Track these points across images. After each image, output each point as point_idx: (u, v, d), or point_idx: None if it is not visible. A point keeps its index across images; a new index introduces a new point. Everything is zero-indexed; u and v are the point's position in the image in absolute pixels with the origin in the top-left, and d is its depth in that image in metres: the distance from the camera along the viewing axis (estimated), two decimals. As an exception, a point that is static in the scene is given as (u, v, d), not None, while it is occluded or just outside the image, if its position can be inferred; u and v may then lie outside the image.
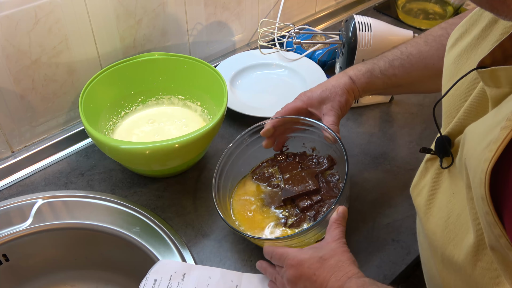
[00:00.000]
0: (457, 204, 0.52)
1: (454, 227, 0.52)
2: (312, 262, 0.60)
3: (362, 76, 0.78)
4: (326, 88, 0.78)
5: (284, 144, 0.85)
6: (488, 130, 0.42)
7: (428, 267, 0.61)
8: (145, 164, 0.81)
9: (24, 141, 0.87)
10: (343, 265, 0.59)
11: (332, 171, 0.81)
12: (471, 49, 0.54)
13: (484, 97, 0.49)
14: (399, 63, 0.77)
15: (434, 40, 0.77)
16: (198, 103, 0.94)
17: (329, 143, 0.77)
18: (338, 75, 0.80)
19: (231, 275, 0.70)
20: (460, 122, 0.53)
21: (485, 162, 0.40)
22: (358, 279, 0.57)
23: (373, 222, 0.80)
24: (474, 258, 0.48)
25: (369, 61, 0.80)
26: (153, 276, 0.68)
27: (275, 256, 0.65)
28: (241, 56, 1.12)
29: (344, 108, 0.77)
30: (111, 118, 0.91)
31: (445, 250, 0.53)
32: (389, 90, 0.81)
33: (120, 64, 0.88)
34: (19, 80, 0.80)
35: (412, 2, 1.34)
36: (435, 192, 0.57)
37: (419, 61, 0.77)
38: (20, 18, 0.75)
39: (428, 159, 0.61)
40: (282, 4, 1.17)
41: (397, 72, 0.77)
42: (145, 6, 0.91)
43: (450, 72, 0.57)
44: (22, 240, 0.76)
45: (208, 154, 0.91)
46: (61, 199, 0.81)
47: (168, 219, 0.80)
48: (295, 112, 0.79)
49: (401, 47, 0.79)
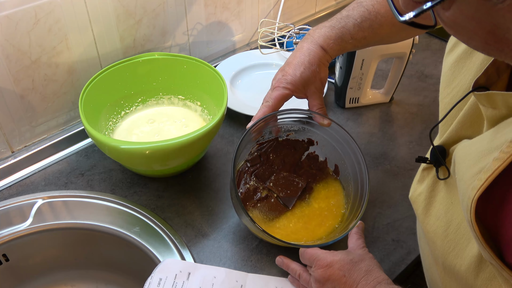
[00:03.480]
0: (457, 213, 0.52)
1: (454, 236, 0.52)
2: (343, 264, 0.61)
3: (334, 44, 0.73)
4: (305, 67, 0.73)
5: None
6: (481, 155, 0.42)
7: (430, 272, 0.61)
8: (145, 164, 0.81)
9: (24, 141, 0.87)
10: (373, 270, 0.60)
11: (309, 152, 0.83)
12: (465, 58, 0.54)
13: (478, 110, 0.49)
14: (368, 25, 0.73)
15: None
16: (198, 103, 0.94)
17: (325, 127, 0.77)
18: (309, 46, 0.74)
19: (236, 275, 0.70)
20: (454, 132, 0.53)
21: (473, 190, 0.41)
22: (388, 285, 0.58)
23: (373, 222, 0.80)
24: (477, 269, 0.47)
25: (336, 23, 0.75)
26: (158, 275, 0.68)
27: (305, 256, 0.66)
28: (241, 56, 1.12)
29: (324, 84, 0.76)
30: (111, 118, 0.90)
31: (446, 259, 0.52)
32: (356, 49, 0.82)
33: (120, 64, 0.88)
34: (19, 80, 0.80)
35: (412, 2, 1.34)
36: (432, 201, 0.58)
37: (388, 20, 0.73)
38: (20, 18, 0.75)
39: (425, 168, 0.60)
40: (282, 4, 1.17)
41: (367, 35, 0.74)
42: (145, 6, 0.91)
43: (447, 79, 0.57)
44: (22, 240, 0.76)
45: (208, 154, 0.91)
46: (61, 199, 0.81)
47: (168, 219, 0.80)
48: (285, 101, 0.74)
49: (367, 5, 0.74)
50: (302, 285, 0.68)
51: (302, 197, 0.79)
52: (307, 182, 0.80)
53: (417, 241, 0.77)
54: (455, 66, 0.56)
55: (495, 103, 0.43)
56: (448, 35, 0.41)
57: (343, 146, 0.78)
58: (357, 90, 1.00)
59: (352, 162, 0.77)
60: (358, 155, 0.75)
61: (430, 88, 1.09)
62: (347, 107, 1.03)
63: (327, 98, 1.05)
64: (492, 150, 0.40)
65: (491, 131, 0.44)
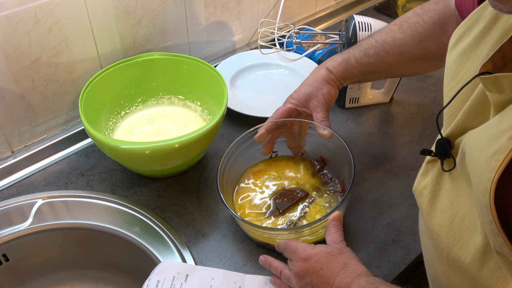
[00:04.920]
0: (461, 205, 0.52)
1: (459, 228, 0.52)
2: (320, 257, 0.61)
3: (338, 66, 0.80)
4: (308, 84, 0.80)
5: (273, 150, 0.86)
6: (493, 138, 0.42)
7: (433, 268, 0.61)
8: (145, 164, 0.81)
9: (24, 141, 0.87)
10: (352, 262, 0.60)
11: (323, 172, 0.82)
12: (471, 50, 0.55)
13: (484, 99, 0.49)
14: (374, 52, 0.79)
15: (409, 27, 0.78)
16: (198, 103, 0.94)
17: (325, 139, 0.78)
18: (316, 69, 0.82)
19: (234, 276, 0.70)
20: (460, 123, 0.53)
21: (491, 171, 0.40)
22: (368, 277, 0.57)
23: (373, 222, 0.80)
24: (482, 260, 0.47)
25: (345, 51, 0.82)
26: (156, 277, 0.68)
27: (288, 248, 0.66)
28: (241, 56, 1.12)
29: (329, 100, 0.79)
30: (111, 118, 0.90)
31: (451, 252, 0.52)
32: (367, 76, 0.83)
33: (120, 64, 0.88)
34: (19, 80, 0.80)
35: (412, 2, 1.34)
36: (437, 194, 0.57)
37: (394, 49, 0.78)
38: (20, 18, 0.75)
39: (429, 160, 0.60)
40: (282, 4, 1.17)
41: (372, 61, 0.79)
42: (145, 6, 0.91)
43: (451, 73, 0.57)
44: (22, 240, 0.76)
45: (208, 154, 0.91)
46: (61, 199, 0.81)
47: (168, 219, 0.80)
48: (287, 114, 0.80)
49: (376, 35, 0.81)
50: (284, 283, 0.67)
51: (297, 205, 0.79)
52: (308, 195, 0.80)
53: (417, 241, 0.77)
54: (460, 59, 0.56)
55: (502, 87, 0.43)
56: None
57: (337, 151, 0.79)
58: (357, 90, 1.00)
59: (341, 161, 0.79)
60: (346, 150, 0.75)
61: (430, 88, 1.09)
62: (347, 107, 1.03)
63: (327, 98, 1.05)
64: (503, 132, 0.41)
65: (498, 116, 0.44)
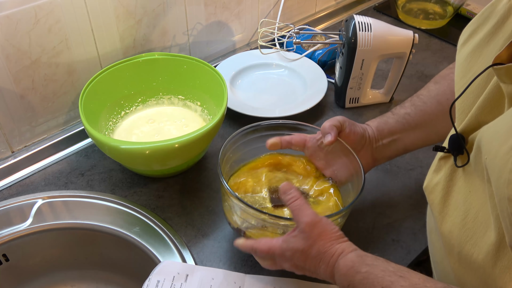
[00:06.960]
0: (475, 202, 0.52)
1: (472, 225, 0.51)
2: (298, 256, 0.59)
3: (374, 119, 0.79)
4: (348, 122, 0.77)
5: None
6: (511, 129, 0.42)
7: (441, 266, 0.61)
8: (145, 164, 0.81)
9: (24, 141, 0.87)
10: (326, 251, 0.58)
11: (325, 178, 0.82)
12: (483, 46, 0.54)
13: (498, 93, 0.49)
14: (410, 103, 0.78)
15: (443, 78, 0.78)
16: (198, 103, 0.94)
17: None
18: None
19: (234, 277, 0.70)
20: (474, 119, 0.52)
21: None
22: (345, 258, 0.57)
23: (373, 222, 0.80)
24: (495, 257, 0.47)
25: None
26: (156, 277, 0.68)
27: (260, 254, 0.63)
28: (241, 56, 1.12)
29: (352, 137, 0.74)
30: (111, 118, 0.91)
31: (463, 249, 0.52)
32: (407, 133, 0.77)
33: (120, 64, 0.88)
34: (19, 80, 0.80)
35: (412, 2, 1.34)
36: (450, 191, 0.57)
37: (431, 98, 0.77)
38: (20, 18, 0.75)
39: (441, 157, 0.60)
40: (282, 4, 1.17)
41: (409, 111, 0.77)
42: (145, 6, 0.91)
43: (463, 70, 0.57)
44: (22, 240, 0.76)
45: (208, 154, 0.91)
46: (61, 199, 0.81)
47: (168, 219, 0.80)
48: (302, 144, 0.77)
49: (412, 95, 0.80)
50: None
51: None
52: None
53: (417, 241, 0.77)
54: (471, 56, 0.56)
55: None
56: (448, 34, 0.41)
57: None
58: (357, 90, 1.00)
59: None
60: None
61: (430, 88, 1.08)
62: (347, 107, 1.03)
63: (327, 98, 1.05)
64: None
65: None
